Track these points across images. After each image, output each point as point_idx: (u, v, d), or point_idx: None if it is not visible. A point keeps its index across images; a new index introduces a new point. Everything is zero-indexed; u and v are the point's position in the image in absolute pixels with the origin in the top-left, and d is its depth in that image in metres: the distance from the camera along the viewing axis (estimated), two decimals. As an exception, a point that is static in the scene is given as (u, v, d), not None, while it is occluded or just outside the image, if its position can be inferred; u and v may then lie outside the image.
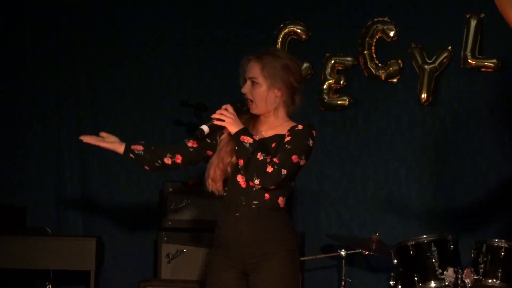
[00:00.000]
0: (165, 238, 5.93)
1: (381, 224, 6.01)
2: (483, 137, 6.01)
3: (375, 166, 6.16)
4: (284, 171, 3.77)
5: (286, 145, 3.81)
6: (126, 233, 6.35)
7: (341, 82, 6.17)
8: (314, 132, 3.89)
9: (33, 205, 6.33)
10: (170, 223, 5.95)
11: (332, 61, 6.18)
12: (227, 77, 6.31)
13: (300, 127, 3.87)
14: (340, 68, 6.19)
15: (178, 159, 3.98)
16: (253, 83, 3.89)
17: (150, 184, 6.34)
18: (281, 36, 6.23)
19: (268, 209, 3.84)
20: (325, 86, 6.18)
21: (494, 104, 5.98)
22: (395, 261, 5.19)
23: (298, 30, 6.24)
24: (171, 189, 5.98)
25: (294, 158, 3.79)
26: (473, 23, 5.99)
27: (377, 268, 6.04)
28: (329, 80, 6.18)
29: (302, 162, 3.84)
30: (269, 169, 3.75)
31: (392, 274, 5.24)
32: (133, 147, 3.97)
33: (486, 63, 5.98)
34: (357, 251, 5.49)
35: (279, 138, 3.87)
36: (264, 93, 3.88)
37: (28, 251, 5.70)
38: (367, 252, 5.49)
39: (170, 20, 6.43)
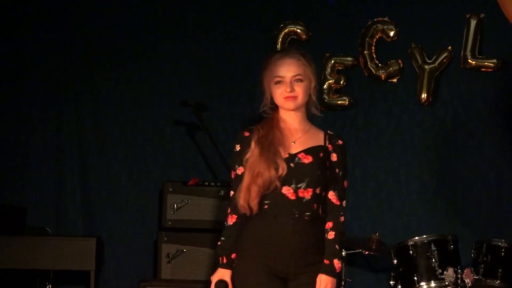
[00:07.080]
0: (165, 238, 5.93)
1: (381, 224, 6.01)
2: (483, 137, 6.02)
3: (375, 166, 6.16)
4: (343, 203, 3.93)
5: (337, 170, 3.88)
6: (126, 233, 6.34)
7: (341, 82, 6.17)
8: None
9: (33, 205, 6.32)
10: (170, 223, 5.95)
11: (332, 61, 6.18)
12: (227, 77, 6.32)
13: (340, 142, 3.93)
14: (340, 68, 6.19)
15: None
16: (297, 80, 3.88)
17: (150, 184, 6.34)
18: (281, 36, 6.23)
19: (317, 219, 3.85)
20: (325, 86, 6.18)
21: (494, 104, 5.99)
22: (395, 261, 5.20)
23: (298, 30, 6.24)
24: (171, 189, 5.98)
25: (345, 183, 3.93)
26: (473, 23, 5.99)
27: (377, 268, 6.04)
28: (329, 80, 6.18)
29: None
30: (343, 219, 3.93)
31: (392, 274, 5.25)
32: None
33: (486, 63, 5.99)
34: (357, 251, 5.48)
35: (322, 149, 3.88)
36: (308, 87, 3.91)
37: (28, 251, 5.70)
38: (367, 252, 5.49)
39: (170, 20, 6.42)
